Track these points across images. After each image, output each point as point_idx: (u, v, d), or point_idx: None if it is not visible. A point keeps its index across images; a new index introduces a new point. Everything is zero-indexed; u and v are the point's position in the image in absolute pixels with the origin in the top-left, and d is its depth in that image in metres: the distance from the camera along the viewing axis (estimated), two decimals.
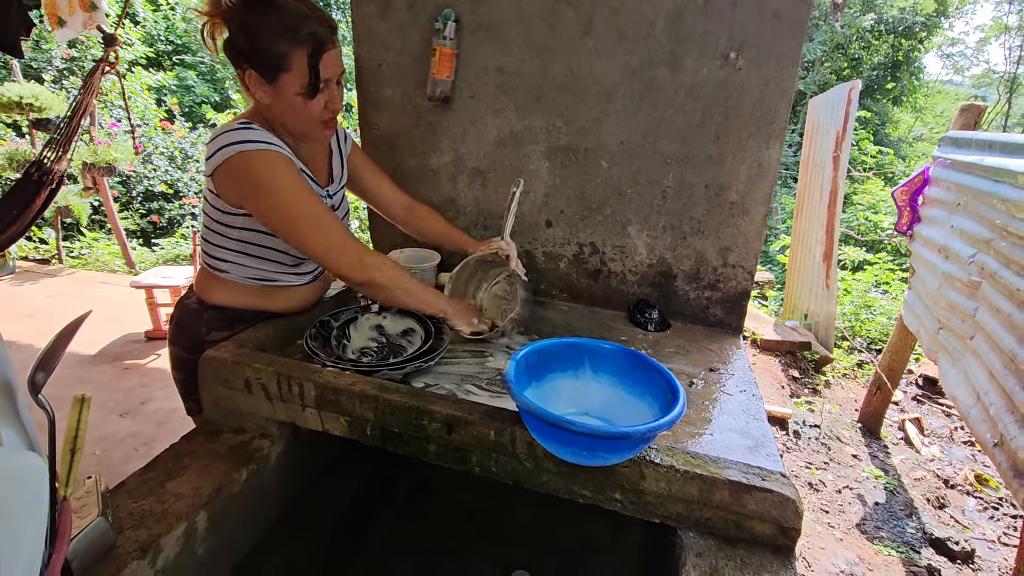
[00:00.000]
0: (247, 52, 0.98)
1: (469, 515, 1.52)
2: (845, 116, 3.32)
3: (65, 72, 6.94)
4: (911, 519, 2.27)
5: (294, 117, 1.04)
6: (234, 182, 1.01)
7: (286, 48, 0.95)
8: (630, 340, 1.33)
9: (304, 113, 1.02)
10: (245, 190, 1.01)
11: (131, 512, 0.85)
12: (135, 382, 2.93)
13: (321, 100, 1.02)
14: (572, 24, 1.33)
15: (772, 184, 1.32)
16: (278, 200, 1.00)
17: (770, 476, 0.79)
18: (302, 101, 1.00)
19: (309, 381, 0.97)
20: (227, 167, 0.99)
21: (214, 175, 1.02)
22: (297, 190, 1.01)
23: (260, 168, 0.99)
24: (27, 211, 2.87)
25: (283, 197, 1.00)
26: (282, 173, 1.00)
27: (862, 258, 5.15)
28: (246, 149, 0.98)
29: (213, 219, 1.10)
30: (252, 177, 0.99)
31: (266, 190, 0.99)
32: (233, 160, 0.98)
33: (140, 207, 6.37)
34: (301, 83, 0.98)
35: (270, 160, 0.99)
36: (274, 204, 1.00)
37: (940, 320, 2.10)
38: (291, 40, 0.95)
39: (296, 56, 0.96)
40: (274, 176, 0.99)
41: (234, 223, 1.08)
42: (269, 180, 0.99)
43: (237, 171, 0.99)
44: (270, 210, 1.01)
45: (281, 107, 1.02)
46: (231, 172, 1.00)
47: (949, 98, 14.69)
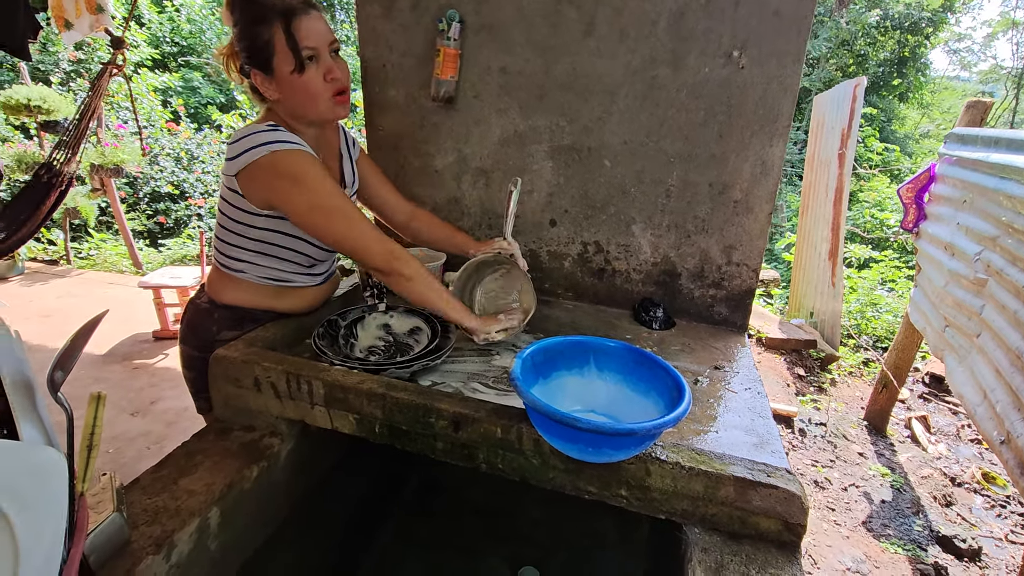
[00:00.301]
0: (246, 58, 1.03)
1: (477, 512, 1.53)
2: (851, 113, 3.31)
3: (72, 74, 7.00)
4: (918, 517, 2.27)
5: (300, 100, 1.06)
6: (266, 181, 1.03)
7: (267, 33, 1.00)
8: (635, 338, 1.34)
9: (308, 90, 1.04)
10: (278, 188, 1.03)
11: (145, 508, 0.87)
12: (145, 382, 2.96)
13: (318, 72, 1.04)
14: (574, 24, 1.34)
15: (776, 182, 1.32)
16: (313, 196, 1.03)
17: (775, 472, 0.80)
18: (298, 78, 1.03)
19: (318, 379, 0.99)
20: (257, 167, 1.02)
21: (239, 175, 1.04)
22: (329, 186, 1.04)
23: (293, 166, 1.02)
24: (37, 213, 2.90)
25: (317, 193, 1.03)
26: (314, 170, 1.03)
27: (868, 256, 5.12)
28: (277, 149, 1.01)
29: (232, 219, 1.11)
30: (286, 175, 1.02)
31: (301, 187, 1.02)
32: (264, 160, 1.01)
33: (147, 208, 6.41)
34: (288, 59, 1.01)
35: (302, 158, 1.03)
36: (310, 199, 1.03)
37: (946, 318, 2.10)
38: (267, 23, 0.99)
39: (276, 35, 1.00)
40: (307, 173, 1.02)
41: (256, 223, 1.10)
42: (303, 177, 1.02)
43: (269, 170, 1.02)
44: (305, 206, 1.04)
45: (287, 95, 1.06)
46: (262, 171, 1.02)
47: (956, 94, 14.58)
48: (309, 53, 1.02)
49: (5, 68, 7.24)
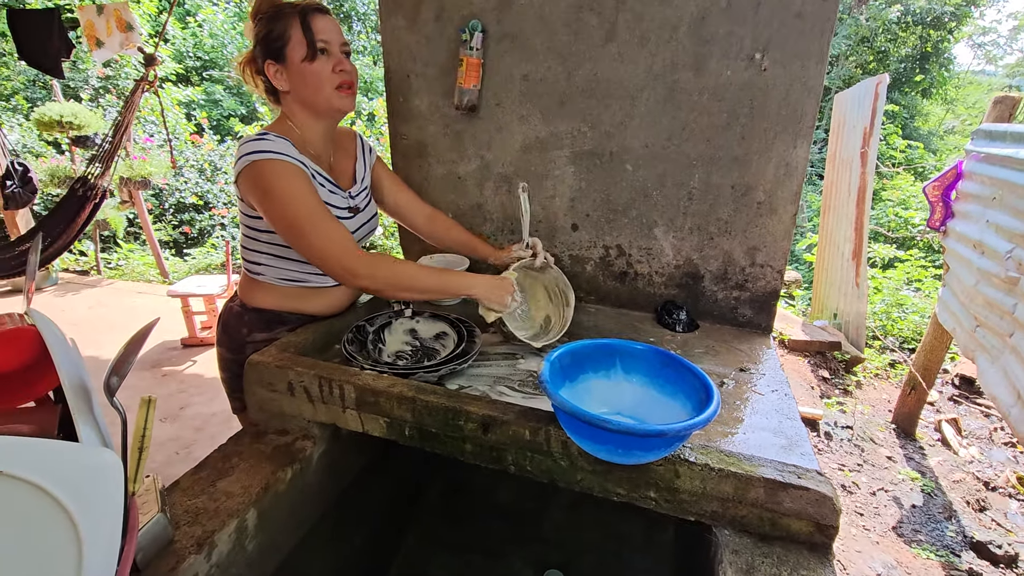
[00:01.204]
0: (261, 51, 1.11)
1: (502, 515, 1.54)
2: (872, 111, 3.26)
3: (101, 90, 7.22)
4: (950, 522, 2.21)
5: (310, 88, 1.12)
6: (249, 189, 1.09)
7: (282, 26, 1.08)
8: (658, 341, 1.34)
9: (315, 79, 1.11)
10: (256, 196, 1.09)
11: (186, 509, 0.90)
12: (174, 388, 3.04)
13: (327, 63, 1.11)
14: (595, 30, 1.36)
15: (800, 183, 1.32)
16: (279, 207, 1.07)
17: (806, 474, 0.80)
18: (308, 66, 1.09)
19: (349, 383, 1.01)
20: (244, 175, 1.08)
21: (237, 182, 1.11)
22: (300, 197, 1.06)
23: (266, 178, 1.06)
24: (72, 225, 3.01)
25: (284, 205, 1.06)
26: (286, 182, 1.06)
27: (893, 255, 5.03)
28: (257, 159, 1.06)
29: (245, 224, 1.18)
30: (261, 184, 1.07)
31: (270, 197, 1.06)
32: (247, 169, 1.07)
33: (172, 219, 6.58)
34: (301, 48, 1.08)
35: (276, 169, 1.06)
36: (276, 210, 1.07)
37: (977, 317, 2.05)
38: (283, 17, 1.08)
39: (291, 26, 1.08)
40: (277, 186, 1.06)
41: (260, 226, 1.16)
42: (273, 189, 1.06)
43: (251, 179, 1.07)
44: (273, 216, 1.09)
45: (297, 84, 1.12)
46: (247, 180, 1.08)
47: (981, 89, 14.24)
48: (322, 46, 1.10)
49: (38, 86, 7.49)
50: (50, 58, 3.87)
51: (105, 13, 3.80)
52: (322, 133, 1.21)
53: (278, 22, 1.09)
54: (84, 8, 3.86)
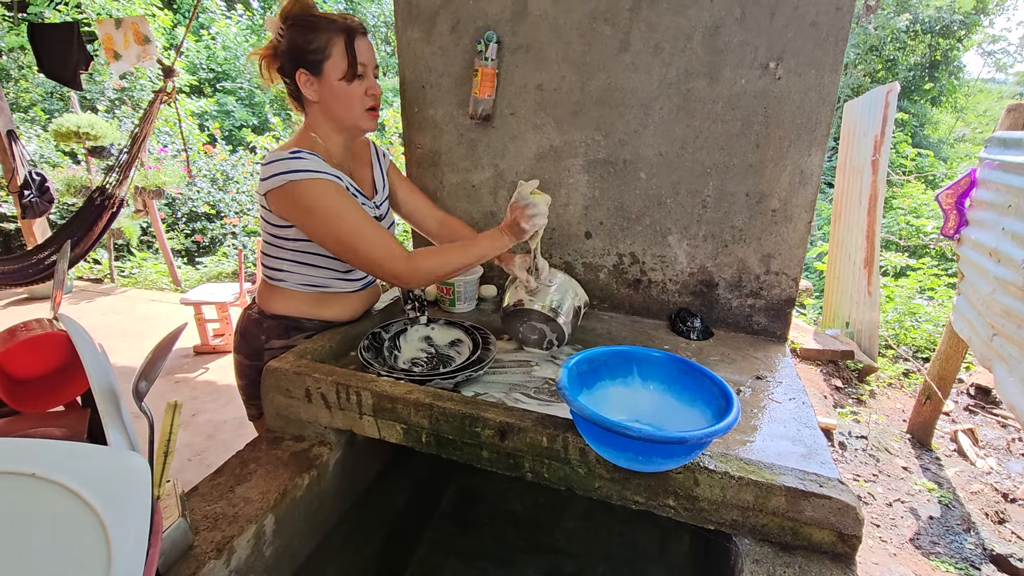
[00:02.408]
0: (295, 57, 1.11)
1: (515, 523, 1.54)
2: (883, 119, 3.25)
3: (116, 102, 7.34)
4: (969, 534, 2.18)
5: (341, 105, 1.14)
6: (287, 206, 1.11)
7: (324, 40, 1.09)
8: (673, 349, 1.34)
9: (348, 99, 1.13)
10: (298, 214, 1.10)
11: (205, 515, 0.90)
12: (186, 395, 3.06)
13: (361, 86, 1.14)
14: (609, 40, 1.37)
15: (815, 191, 1.31)
16: (326, 225, 1.09)
17: (827, 483, 0.79)
18: (344, 86, 1.12)
19: (366, 390, 1.02)
20: (280, 193, 1.09)
21: (267, 195, 1.11)
22: (343, 212, 1.09)
23: (307, 197, 1.08)
24: (90, 233, 3.05)
25: (330, 222, 1.09)
26: (330, 200, 1.08)
27: (905, 264, 4.98)
28: (297, 179, 1.07)
29: (269, 233, 1.19)
30: (301, 205, 1.08)
31: (314, 216, 1.09)
32: (285, 188, 1.08)
33: (184, 227, 6.65)
34: (341, 67, 1.10)
35: (316, 188, 1.08)
36: (323, 228, 1.10)
37: (994, 326, 2.03)
38: (327, 32, 1.09)
39: (334, 44, 1.09)
40: (320, 203, 1.08)
41: (287, 234, 1.17)
42: (316, 207, 1.08)
43: (290, 198, 1.09)
44: (320, 232, 1.11)
45: (328, 99, 1.14)
46: (285, 198, 1.09)
47: (992, 96, 14.16)
48: (360, 69, 1.12)
49: (56, 98, 7.64)
50: (69, 70, 3.95)
51: (123, 26, 3.88)
52: (343, 144, 1.23)
53: (318, 35, 1.09)
54: (103, 22, 3.94)
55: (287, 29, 1.10)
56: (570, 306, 1.24)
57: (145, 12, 6.89)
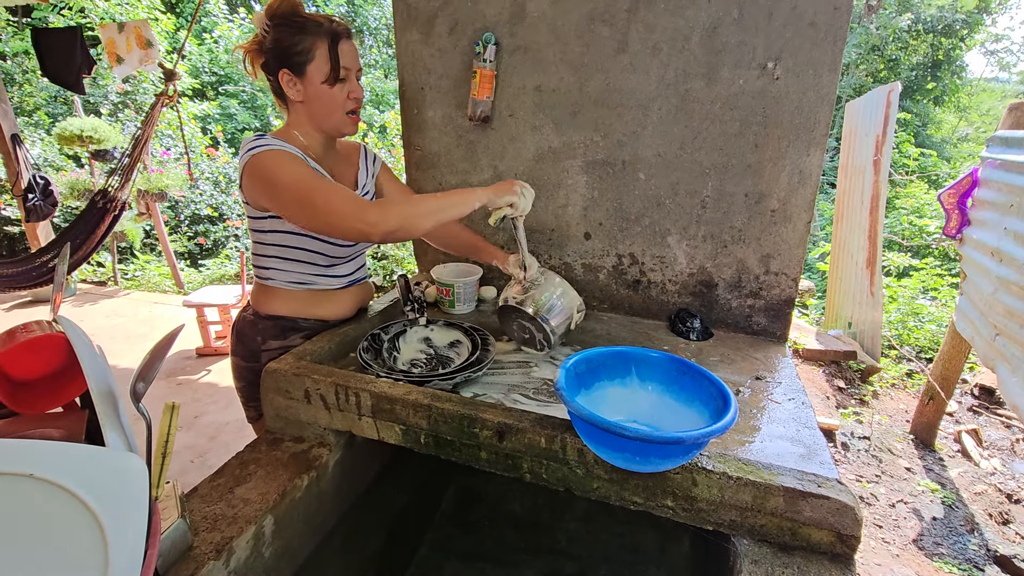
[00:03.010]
0: (279, 56, 1.12)
1: (515, 524, 1.53)
2: (885, 119, 3.25)
3: (119, 105, 7.38)
4: (973, 535, 2.17)
5: (323, 107, 1.15)
6: (252, 183, 1.10)
7: (309, 42, 1.10)
8: (672, 349, 1.34)
9: (330, 102, 1.14)
10: (262, 188, 1.09)
11: (205, 516, 0.90)
12: (188, 397, 3.07)
13: (343, 89, 1.15)
14: (607, 41, 1.37)
15: (814, 191, 1.31)
16: (286, 190, 1.05)
17: (826, 483, 0.79)
18: (327, 89, 1.13)
19: (365, 391, 1.02)
20: (246, 172, 1.10)
21: (242, 185, 1.13)
22: (300, 174, 1.05)
23: (267, 167, 1.07)
24: (92, 236, 3.06)
25: (290, 186, 1.05)
26: (289, 166, 1.06)
27: (907, 264, 4.97)
28: (257, 151, 1.08)
29: (252, 229, 1.20)
30: (264, 174, 1.07)
31: (275, 183, 1.06)
32: (248, 164, 1.09)
33: (187, 230, 6.68)
34: (324, 71, 1.12)
35: (275, 156, 1.07)
36: (284, 194, 1.06)
37: (996, 326, 2.02)
38: (312, 35, 1.10)
39: (318, 47, 1.10)
40: (279, 170, 1.06)
41: (264, 227, 1.18)
42: (276, 171, 1.06)
43: (253, 172, 1.09)
44: (283, 200, 1.07)
45: (310, 99, 1.14)
46: (250, 175, 1.09)
47: (995, 96, 14.11)
48: (343, 73, 1.13)
49: (59, 102, 7.68)
50: (72, 75, 3.97)
51: (126, 31, 3.90)
52: (323, 143, 1.24)
53: (304, 37, 1.09)
54: (106, 26, 3.96)
55: (272, 27, 1.11)
56: (560, 309, 1.22)
57: (148, 16, 6.93)
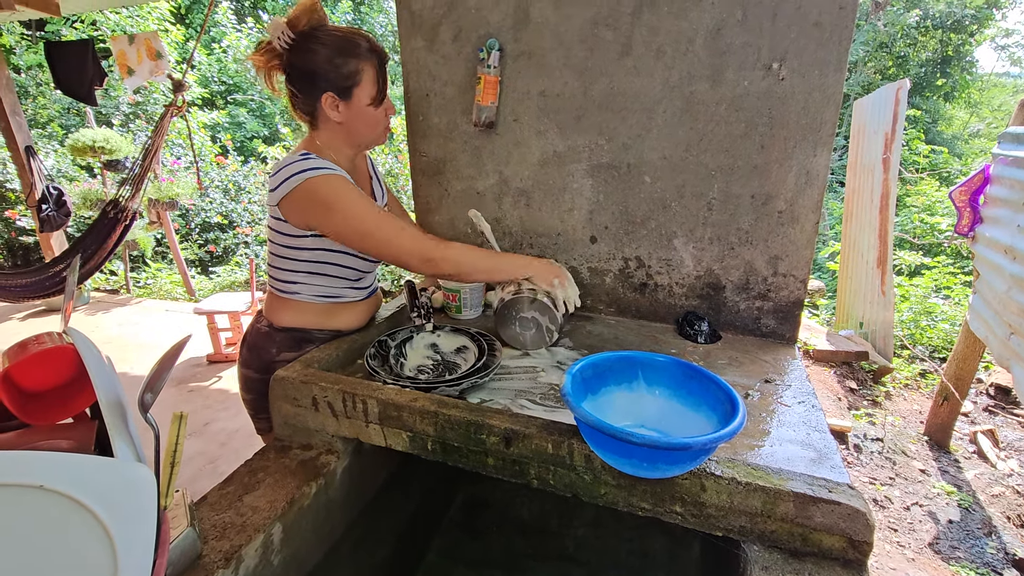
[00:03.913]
0: (323, 77, 1.11)
1: (523, 530, 1.53)
2: (894, 117, 3.21)
3: (131, 116, 7.49)
4: (990, 538, 2.13)
5: (367, 126, 1.18)
6: (305, 206, 1.11)
7: (356, 65, 1.11)
8: (680, 353, 1.33)
9: (374, 120, 1.18)
10: (317, 212, 1.11)
11: (214, 524, 0.91)
12: (199, 404, 3.09)
13: (383, 107, 1.19)
14: (611, 45, 1.37)
15: (822, 191, 1.30)
16: (349, 215, 1.10)
17: (837, 488, 0.78)
18: (372, 111, 1.15)
19: (372, 398, 1.02)
20: (296, 194, 1.09)
21: (281, 203, 1.12)
22: (362, 204, 1.11)
23: (328, 190, 1.09)
24: (104, 246, 3.10)
25: (352, 212, 1.10)
26: (346, 192, 1.10)
27: (919, 262, 4.91)
28: (311, 176, 1.08)
29: (281, 244, 1.19)
30: (321, 200, 1.09)
31: (336, 208, 1.10)
32: (302, 187, 1.08)
33: (198, 238, 6.76)
34: (371, 93, 1.13)
35: (334, 182, 1.10)
36: (347, 219, 1.11)
37: (1011, 325, 1.99)
38: (359, 57, 1.10)
39: (365, 70, 1.11)
40: (340, 195, 1.10)
41: (302, 244, 1.18)
42: (337, 199, 1.09)
43: (307, 196, 1.09)
44: (341, 227, 1.12)
45: (353, 120, 1.16)
46: (301, 198, 1.10)
47: (1007, 91, 13.92)
48: (384, 93, 1.16)
49: (72, 113, 7.80)
50: (84, 87, 4.04)
51: (136, 42, 3.96)
52: (350, 158, 1.25)
53: (348, 60, 1.10)
54: (117, 38, 4.02)
55: (302, 43, 1.09)
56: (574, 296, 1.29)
57: (158, 28, 7.03)
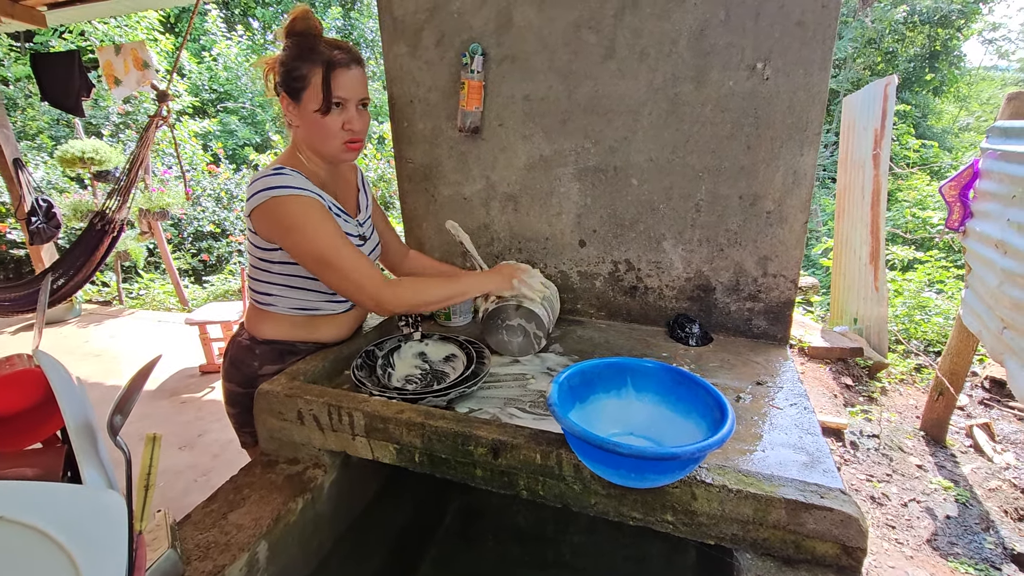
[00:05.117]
0: (281, 78, 1.11)
1: (519, 538, 1.51)
2: (883, 113, 3.22)
3: (121, 126, 7.45)
4: (988, 533, 2.12)
5: (316, 135, 1.12)
6: (269, 223, 1.10)
7: (305, 69, 1.07)
8: (672, 355, 1.32)
9: (322, 130, 1.11)
10: (279, 231, 1.09)
11: (197, 544, 0.89)
12: (192, 415, 3.06)
13: (338, 119, 1.11)
14: (595, 48, 1.36)
15: (810, 190, 1.29)
16: (307, 242, 1.08)
17: (829, 493, 0.77)
18: (319, 118, 1.10)
19: (358, 410, 1.00)
20: (262, 210, 1.08)
21: (251, 215, 1.11)
22: (324, 230, 1.08)
23: (289, 214, 1.07)
24: (92, 258, 3.08)
25: (311, 240, 1.07)
26: (310, 217, 1.07)
27: (912, 257, 4.92)
28: (277, 195, 1.06)
29: (255, 256, 1.18)
30: (283, 222, 1.08)
31: (296, 232, 1.07)
32: (267, 205, 1.07)
33: (191, 247, 6.72)
34: (317, 99, 1.08)
35: (298, 205, 1.07)
36: (303, 245, 1.08)
37: (1003, 319, 1.99)
38: (309, 61, 1.07)
39: (313, 75, 1.07)
40: (301, 222, 1.07)
41: (274, 257, 1.16)
42: (297, 225, 1.07)
43: (271, 214, 1.08)
44: (299, 249, 1.09)
45: (305, 125, 1.12)
46: (266, 215, 1.08)
47: (995, 84, 14.01)
48: (338, 100, 1.09)
49: (62, 124, 7.76)
50: (71, 98, 4.01)
51: (123, 52, 3.94)
52: (327, 168, 1.22)
53: (303, 63, 1.07)
54: (103, 49, 4.00)
55: (286, 47, 1.10)
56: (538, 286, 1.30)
57: (147, 37, 7.00)
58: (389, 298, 1.10)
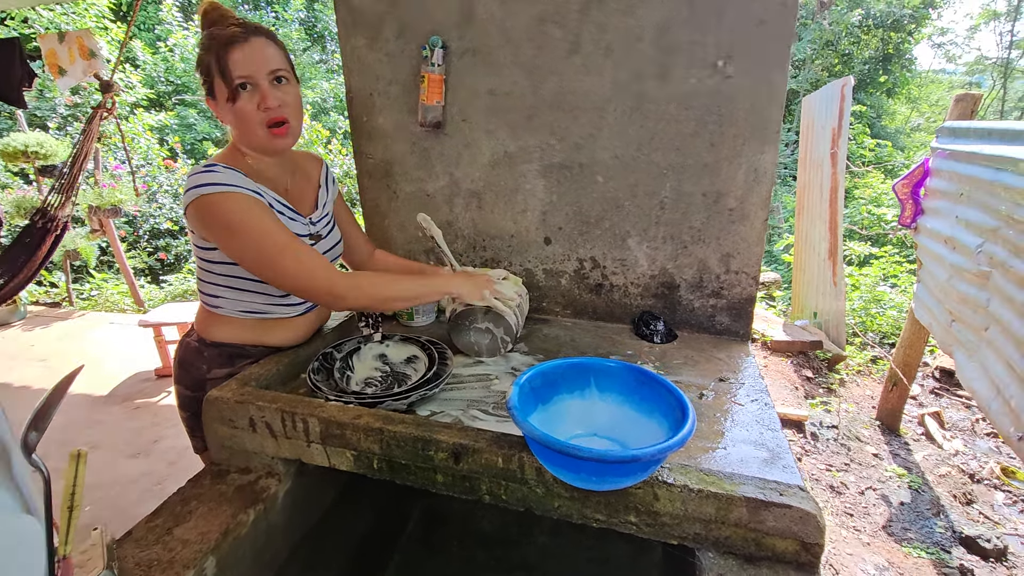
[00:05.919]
0: (201, 82, 1.04)
1: (484, 543, 1.49)
2: (840, 112, 3.31)
3: (69, 119, 7.08)
4: (939, 518, 2.21)
5: (239, 127, 1.04)
6: (200, 223, 1.02)
7: (208, 59, 1.00)
8: (636, 353, 1.31)
9: (241, 119, 1.02)
10: (214, 232, 1.02)
11: (138, 562, 0.84)
12: (147, 421, 2.93)
13: (251, 101, 1.01)
14: (559, 43, 1.34)
15: (770, 188, 1.31)
16: (245, 241, 1.00)
17: (788, 491, 0.77)
18: (232, 106, 1.01)
19: (313, 416, 0.96)
20: (194, 209, 1.00)
21: (185, 214, 1.04)
22: (261, 226, 1.00)
23: (222, 212, 0.99)
24: (34, 258, 2.91)
25: (249, 239, 0.99)
26: (246, 215, 0.99)
27: (868, 252, 5.10)
28: (207, 192, 0.98)
29: (199, 256, 1.11)
30: (219, 220, 0.99)
31: (232, 232, 0.99)
32: (197, 203, 0.99)
33: (147, 245, 6.44)
34: (223, 88, 1.00)
35: (233, 203, 0.99)
36: (241, 245, 1.00)
37: (952, 312, 2.07)
38: (207, 49, 1.00)
39: (212, 63, 1.00)
40: (236, 219, 0.99)
41: (213, 257, 1.08)
42: (232, 223, 0.99)
43: (204, 214, 1.00)
44: (238, 251, 1.02)
45: (229, 122, 1.05)
46: (199, 214, 1.01)
47: (943, 87, 14.67)
48: (242, 81, 0.99)
49: (3, 116, 7.33)
50: (13, 89, 3.78)
51: (67, 41, 3.73)
52: (273, 163, 1.14)
53: (205, 53, 0.99)
54: (45, 37, 3.78)
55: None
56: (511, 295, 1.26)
57: (96, 25, 6.66)
58: (345, 290, 1.03)
